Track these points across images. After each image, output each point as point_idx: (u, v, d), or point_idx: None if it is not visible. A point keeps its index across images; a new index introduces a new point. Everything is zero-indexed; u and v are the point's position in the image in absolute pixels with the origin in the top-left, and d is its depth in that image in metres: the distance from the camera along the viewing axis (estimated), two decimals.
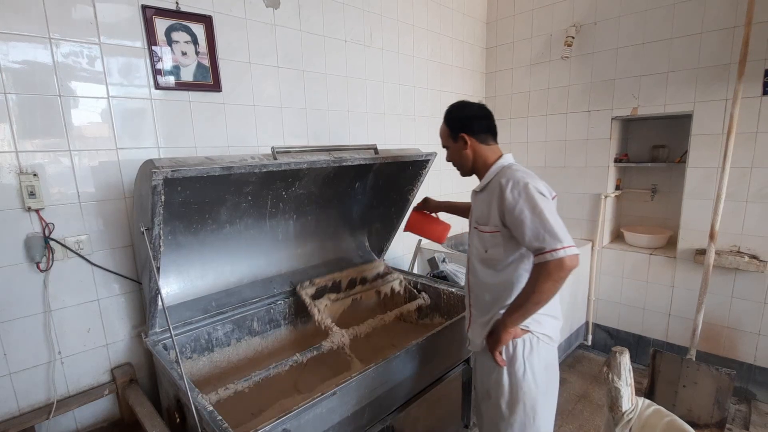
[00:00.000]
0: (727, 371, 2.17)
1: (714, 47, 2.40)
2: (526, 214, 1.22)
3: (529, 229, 1.21)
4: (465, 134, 1.42)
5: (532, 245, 1.21)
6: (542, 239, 1.18)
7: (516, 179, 1.28)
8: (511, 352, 1.37)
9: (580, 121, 3.01)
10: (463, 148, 1.45)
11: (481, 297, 1.44)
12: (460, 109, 1.47)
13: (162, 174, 1.17)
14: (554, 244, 1.16)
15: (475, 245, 1.45)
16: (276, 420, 1.14)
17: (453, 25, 3.13)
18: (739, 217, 2.43)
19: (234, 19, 1.90)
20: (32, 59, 1.43)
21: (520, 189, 1.25)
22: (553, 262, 1.15)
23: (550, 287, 1.18)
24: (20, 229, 1.46)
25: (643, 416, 0.92)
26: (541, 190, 1.27)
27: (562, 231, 1.18)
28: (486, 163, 1.44)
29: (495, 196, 1.32)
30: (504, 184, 1.29)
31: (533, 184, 1.26)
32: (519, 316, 1.28)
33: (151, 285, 1.42)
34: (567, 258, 1.14)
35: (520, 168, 1.37)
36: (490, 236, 1.36)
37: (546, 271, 1.17)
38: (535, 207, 1.21)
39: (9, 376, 1.48)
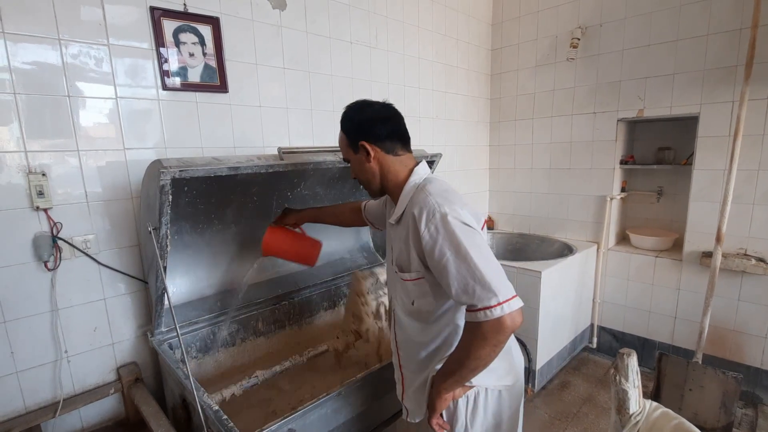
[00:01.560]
0: (734, 375, 2.15)
1: (720, 49, 2.39)
2: (448, 257, 0.94)
3: (454, 279, 0.93)
4: (366, 142, 1.12)
5: (460, 300, 0.94)
6: (472, 293, 0.91)
7: (430, 208, 0.98)
8: (452, 412, 1.13)
9: (586, 122, 3.00)
10: (365, 161, 1.13)
11: (413, 356, 1.17)
12: (357, 111, 1.17)
13: (170, 174, 1.18)
14: (488, 300, 0.89)
15: (398, 294, 1.16)
16: (281, 420, 1.15)
17: (458, 26, 3.13)
18: (745, 219, 2.41)
19: (241, 20, 1.91)
20: (42, 60, 1.45)
21: (436, 223, 0.96)
22: (488, 324, 0.90)
23: (487, 353, 0.94)
24: (28, 228, 1.47)
25: (651, 419, 0.91)
26: (466, 220, 0.97)
27: (496, 279, 0.91)
28: (397, 180, 1.14)
29: (410, 233, 1.03)
30: (417, 216, 1.00)
31: (453, 214, 0.97)
32: (453, 382, 1.04)
33: (158, 284, 1.42)
34: (507, 317, 0.89)
35: (435, 186, 1.06)
36: (414, 285, 1.08)
37: (480, 334, 0.91)
38: (459, 248, 0.93)
39: (16, 375, 1.49)
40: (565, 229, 3.25)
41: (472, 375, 1.01)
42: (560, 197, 3.23)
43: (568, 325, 2.82)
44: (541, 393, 2.65)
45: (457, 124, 3.25)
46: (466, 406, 1.12)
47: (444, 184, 1.10)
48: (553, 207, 3.29)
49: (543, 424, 2.37)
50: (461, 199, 1.05)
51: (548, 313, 2.53)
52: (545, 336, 2.55)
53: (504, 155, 3.56)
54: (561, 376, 2.84)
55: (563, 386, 2.73)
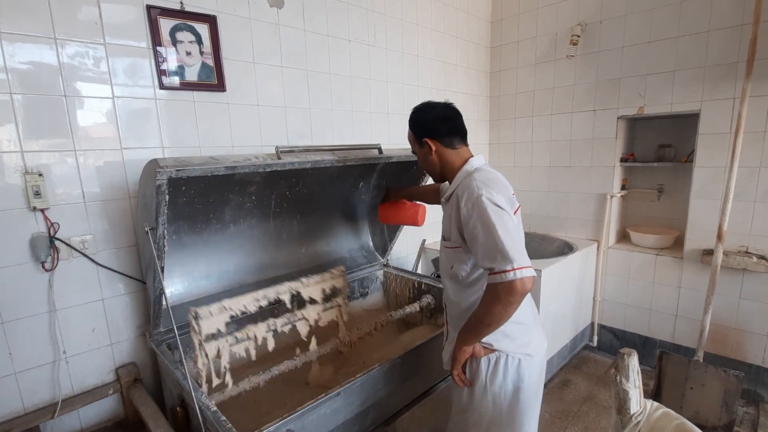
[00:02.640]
0: (735, 373, 2.14)
1: (721, 45, 2.37)
2: (479, 230, 1.12)
3: (481, 247, 1.12)
4: (429, 139, 1.32)
5: (483, 265, 1.13)
6: (493, 259, 1.09)
7: (471, 190, 1.17)
8: (474, 371, 1.30)
9: (586, 120, 2.99)
10: (428, 154, 1.34)
11: (454, 314, 1.36)
12: (423, 112, 1.36)
13: (166, 173, 1.17)
14: (504, 265, 1.06)
15: (442, 260, 1.38)
16: (280, 420, 1.14)
17: (457, 24, 3.12)
18: (747, 217, 2.40)
19: (238, 18, 1.90)
20: (38, 60, 1.44)
21: (473, 201, 1.15)
22: (502, 285, 1.06)
23: (500, 311, 1.09)
24: (25, 228, 1.46)
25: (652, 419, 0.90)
26: (498, 202, 1.14)
27: (514, 250, 1.07)
28: (453, 168, 1.33)
29: (453, 210, 1.24)
30: (460, 195, 1.20)
31: (488, 195, 1.14)
32: (471, 336, 1.21)
33: (156, 285, 1.42)
34: (518, 281, 1.04)
35: (482, 174, 1.24)
36: (453, 252, 1.28)
37: (495, 293, 1.08)
38: (488, 222, 1.11)
39: (14, 376, 1.49)
40: (565, 228, 3.24)
41: (488, 331, 1.17)
42: (560, 195, 3.22)
43: (568, 323, 2.82)
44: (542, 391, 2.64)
45: None
46: (487, 367, 1.28)
47: (491, 173, 1.27)
48: (553, 205, 3.28)
49: (544, 422, 2.36)
50: (501, 186, 1.23)
51: (549, 312, 2.52)
52: (546, 334, 2.53)
53: (504, 153, 3.55)
54: (561, 375, 2.83)
55: (564, 385, 2.72)
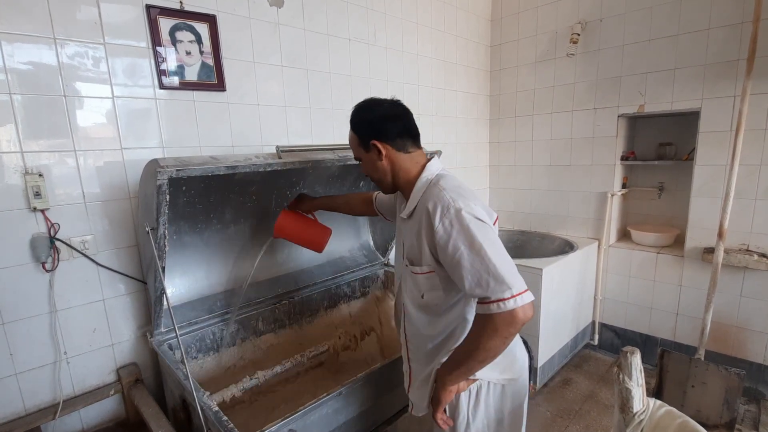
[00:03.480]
0: (737, 371, 2.14)
1: (722, 43, 2.37)
2: (462, 252, 0.95)
3: (468, 273, 0.95)
4: (377, 141, 1.14)
5: (473, 292, 0.95)
6: (485, 285, 0.93)
7: (445, 203, 1.00)
8: (454, 406, 1.14)
9: (586, 118, 2.99)
10: (377, 160, 1.15)
11: (421, 348, 1.18)
12: (368, 110, 1.20)
13: (167, 173, 1.16)
14: (501, 293, 0.91)
15: (408, 287, 1.17)
16: (282, 420, 1.14)
17: (457, 23, 3.11)
18: (748, 215, 2.40)
19: (238, 18, 1.90)
20: (37, 60, 1.43)
21: (451, 218, 0.98)
22: (501, 316, 0.91)
23: (497, 344, 0.95)
24: (26, 229, 1.46)
25: (655, 417, 0.90)
26: (479, 215, 0.99)
27: (509, 273, 0.93)
28: (408, 177, 1.15)
29: (423, 228, 1.04)
30: (431, 210, 1.01)
31: (467, 209, 0.98)
32: (460, 374, 1.05)
33: (156, 285, 1.41)
34: (519, 309, 0.90)
35: (448, 182, 1.08)
36: (425, 278, 1.09)
37: (492, 325, 0.93)
38: (473, 242, 0.94)
39: (15, 376, 1.49)
40: (565, 226, 3.24)
41: (480, 366, 1.02)
42: (561, 194, 3.22)
43: (569, 322, 2.81)
44: (543, 390, 2.64)
45: (456, 121, 3.23)
46: (468, 400, 1.13)
47: (456, 180, 1.10)
48: (553, 204, 3.28)
49: (545, 421, 2.36)
50: (474, 195, 1.06)
51: (549, 311, 2.52)
52: (547, 333, 2.54)
53: (504, 152, 3.54)
54: (563, 374, 2.83)
55: (565, 383, 2.72)
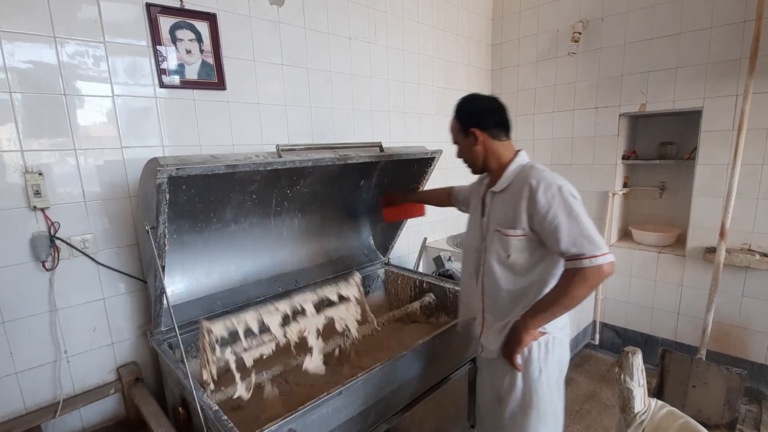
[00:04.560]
0: (738, 371, 2.14)
1: (724, 42, 2.36)
2: (560, 218, 1.17)
3: (565, 235, 1.17)
4: (476, 129, 1.35)
5: (569, 251, 1.17)
6: (580, 245, 1.15)
7: (548, 181, 1.22)
8: (526, 355, 1.31)
9: (588, 118, 2.98)
10: (473, 144, 1.38)
11: (499, 301, 1.36)
12: (471, 103, 1.40)
13: (166, 172, 1.16)
14: (593, 251, 1.13)
15: (494, 248, 1.35)
16: (282, 420, 1.14)
17: (458, 21, 3.10)
18: (749, 214, 2.39)
19: (238, 16, 1.89)
20: (37, 59, 1.43)
21: (553, 192, 1.20)
22: (591, 269, 1.13)
23: (584, 293, 1.16)
24: (26, 228, 1.46)
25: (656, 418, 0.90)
26: (573, 193, 1.23)
27: (598, 237, 1.16)
28: (500, 160, 1.39)
29: (522, 199, 1.25)
30: (535, 185, 1.23)
31: (567, 187, 1.22)
32: (544, 318, 1.24)
33: (156, 284, 1.41)
34: (606, 265, 1.13)
35: (545, 168, 1.31)
36: (516, 240, 1.28)
37: (582, 276, 1.14)
38: (571, 211, 1.18)
39: (15, 375, 1.49)
40: None
41: (563, 312, 1.23)
42: None
43: (570, 321, 2.80)
44: None
45: None
46: (539, 351, 1.31)
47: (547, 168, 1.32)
48: None
49: None
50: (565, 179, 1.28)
51: None
52: None
53: None
54: None
55: (566, 383, 2.71)
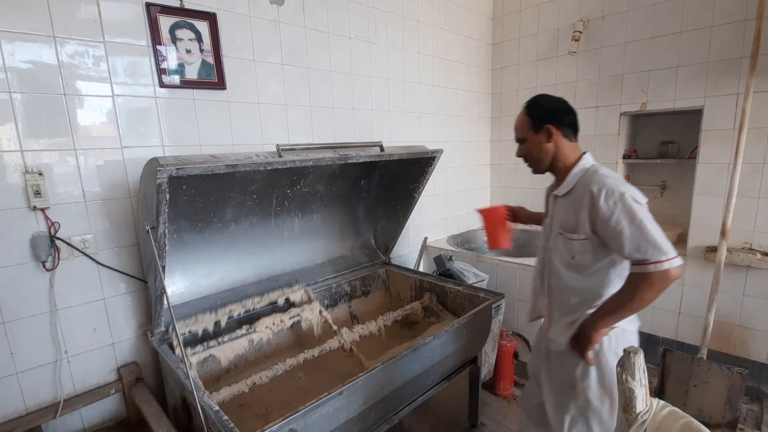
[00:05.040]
0: (739, 370, 2.13)
1: (725, 41, 2.35)
2: (623, 225, 1.19)
3: (628, 241, 1.18)
4: (552, 126, 1.35)
5: (633, 257, 1.18)
6: (644, 251, 1.16)
7: (609, 188, 1.23)
8: (598, 349, 1.35)
9: (588, 117, 2.97)
10: (545, 141, 1.37)
11: (566, 300, 1.40)
12: (546, 100, 1.41)
13: (167, 172, 1.16)
14: (659, 256, 1.14)
15: (559, 250, 1.39)
16: (282, 420, 1.13)
17: (458, 20, 3.10)
18: (750, 213, 2.38)
19: (238, 16, 1.89)
20: (37, 58, 1.43)
21: (615, 199, 1.21)
22: (658, 274, 1.14)
23: (651, 296, 1.17)
24: (26, 228, 1.46)
25: (658, 418, 0.90)
26: (637, 199, 1.23)
27: (664, 242, 1.16)
28: (566, 161, 1.39)
29: (584, 205, 1.27)
30: (596, 193, 1.24)
31: (630, 193, 1.23)
32: (612, 320, 1.28)
33: (157, 284, 1.41)
34: (672, 270, 1.14)
35: (609, 173, 1.32)
36: (579, 244, 1.31)
37: (648, 281, 1.16)
38: (634, 217, 1.18)
39: (16, 375, 1.49)
40: None
41: (629, 314, 1.26)
42: None
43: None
44: None
45: (457, 119, 3.23)
46: (609, 344, 1.34)
47: (611, 172, 1.34)
48: None
49: None
50: (629, 184, 1.29)
51: None
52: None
53: (505, 151, 3.53)
54: None
55: None
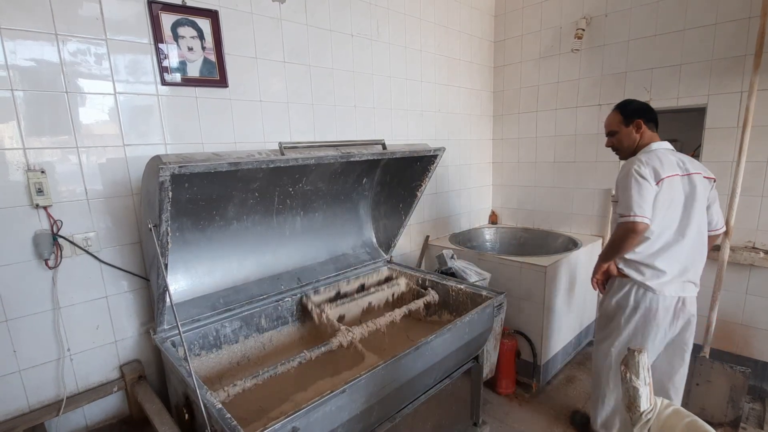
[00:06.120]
0: (742, 369, 2.13)
1: (728, 38, 2.34)
2: (620, 189, 1.76)
3: (620, 200, 1.76)
4: (641, 120, 1.85)
5: (618, 211, 1.75)
6: (623, 209, 1.71)
7: (631, 163, 1.76)
8: (615, 290, 1.90)
9: (591, 115, 2.96)
10: (633, 132, 1.88)
11: None
12: (634, 102, 1.92)
13: (169, 170, 1.16)
14: (627, 212, 1.68)
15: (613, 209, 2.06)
16: (285, 418, 1.13)
17: (460, 18, 3.09)
18: (754, 212, 2.38)
19: (240, 13, 1.89)
20: (39, 56, 1.43)
21: (626, 172, 1.75)
22: (625, 224, 1.70)
23: (618, 238, 1.74)
24: (28, 226, 1.46)
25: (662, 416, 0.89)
26: (641, 172, 1.70)
27: (634, 204, 1.67)
28: (643, 145, 1.86)
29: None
30: (624, 164, 1.81)
31: (635, 167, 1.72)
32: (602, 255, 1.91)
33: (159, 282, 1.41)
34: (630, 223, 1.67)
35: (650, 153, 1.79)
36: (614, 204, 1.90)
37: (620, 228, 1.73)
38: (627, 186, 1.71)
39: (19, 373, 1.49)
40: (569, 224, 3.22)
41: (612, 253, 1.82)
42: (565, 191, 3.20)
43: (573, 320, 2.80)
44: (546, 388, 2.64)
45: (460, 117, 3.22)
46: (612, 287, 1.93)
47: (660, 152, 1.79)
48: (557, 201, 3.26)
49: (548, 418, 2.36)
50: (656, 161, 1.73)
51: (553, 308, 2.51)
52: (550, 331, 2.53)
53: (507, 149, 3.53)
54: (566, 371, 2.82)
55: (568, 381, 2.72)
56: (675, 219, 1.78)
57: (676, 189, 1.75)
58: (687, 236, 1.78)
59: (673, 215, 1.77)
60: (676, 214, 1.78)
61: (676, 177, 1.75)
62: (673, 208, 1.76)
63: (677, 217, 1.78)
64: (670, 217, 1.77)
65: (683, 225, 1.78)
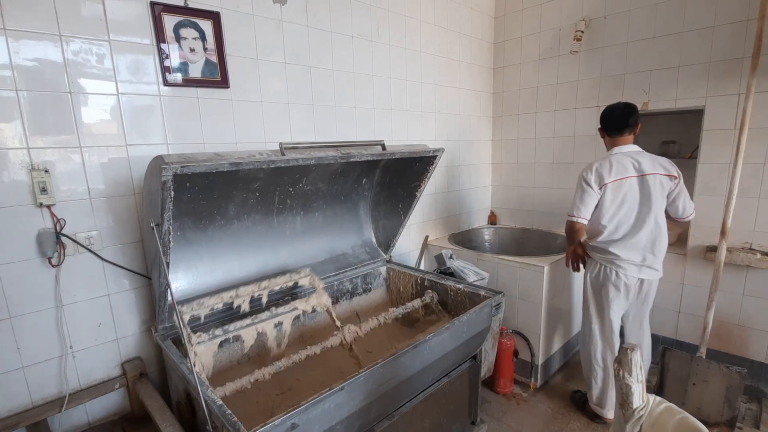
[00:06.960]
0: (738, 369, 2.14)
1: (727, 41, 2.36)
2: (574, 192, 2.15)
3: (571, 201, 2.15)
4: (600, 128, 2.21)
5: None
6: (570, 207, 2.13)
7: (584, 169, 2.10)
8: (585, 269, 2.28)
9: (590, 116, 2.98)
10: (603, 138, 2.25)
11: None
12: (604, 110, 2.19)
13: (172, 170, 1.17)
14: (570, 212, 2.12)
15: None
16: (284, 414, 1.15)
17: (460, 20, 3.11)
18: (751, 213, 2.39)
19: (241, 15, 1.90)
20: (42, 57, 1.44)
21: (579, 175, 2.12)
22: (569, 221, 2.14)
23: (567, 232, 2.20)
24: (32, 224, 1.47)
25: (654, 413, 0.91)
26: (586, 178, 2.05)
27: (575, 207, 2.09)
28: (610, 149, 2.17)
29: None
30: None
31: (584, 174, 2.07)
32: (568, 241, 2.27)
33: (161, 280, 1.43)
34: (568, 222, 2.14)
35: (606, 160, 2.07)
36: None
37: (567, 224, 2.17)
38: (576, 189, 2.12)
39: (22, 370, 1.51)
40: None
41: (567, 240, 2.26)
42: (563, 192, 3.22)
43: (571, 319, 2.82)
44: (544, 387, 2.65)
45: (459, 118, 3.23)
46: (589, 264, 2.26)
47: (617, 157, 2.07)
48: (556, 201, 3.28)
49: (546, 418, 2.37)
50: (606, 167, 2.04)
51: (551, 308, 2.52)
52: (548, 331, 2.54)
53: (507, 150, 3.54)
54: (564, 371, 2.84)
55: (566, 380, 2.73)
56: (630, 215, 2.07)
57: (627, 189, 2.04)
58: (644, 230, 2.05)
59: (628, 211, 2.06)
60: (632, 210, 2.06)
61: (627, 179, 2.03)
62: (627, 205, 2.05)
63: (633, 213, 2.07)
64: (625, 212, 2.06)
65: (640, 219, 2.06)
